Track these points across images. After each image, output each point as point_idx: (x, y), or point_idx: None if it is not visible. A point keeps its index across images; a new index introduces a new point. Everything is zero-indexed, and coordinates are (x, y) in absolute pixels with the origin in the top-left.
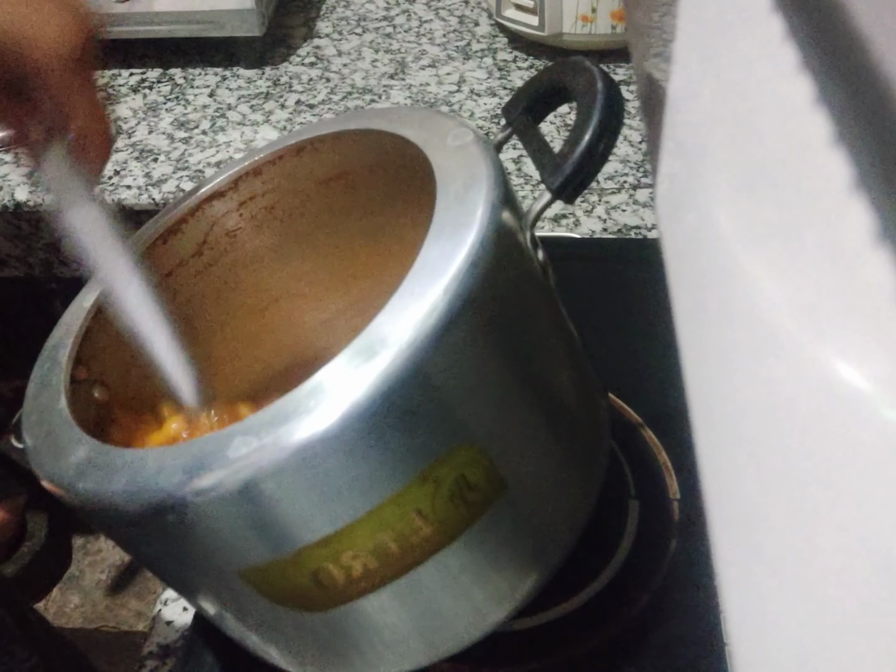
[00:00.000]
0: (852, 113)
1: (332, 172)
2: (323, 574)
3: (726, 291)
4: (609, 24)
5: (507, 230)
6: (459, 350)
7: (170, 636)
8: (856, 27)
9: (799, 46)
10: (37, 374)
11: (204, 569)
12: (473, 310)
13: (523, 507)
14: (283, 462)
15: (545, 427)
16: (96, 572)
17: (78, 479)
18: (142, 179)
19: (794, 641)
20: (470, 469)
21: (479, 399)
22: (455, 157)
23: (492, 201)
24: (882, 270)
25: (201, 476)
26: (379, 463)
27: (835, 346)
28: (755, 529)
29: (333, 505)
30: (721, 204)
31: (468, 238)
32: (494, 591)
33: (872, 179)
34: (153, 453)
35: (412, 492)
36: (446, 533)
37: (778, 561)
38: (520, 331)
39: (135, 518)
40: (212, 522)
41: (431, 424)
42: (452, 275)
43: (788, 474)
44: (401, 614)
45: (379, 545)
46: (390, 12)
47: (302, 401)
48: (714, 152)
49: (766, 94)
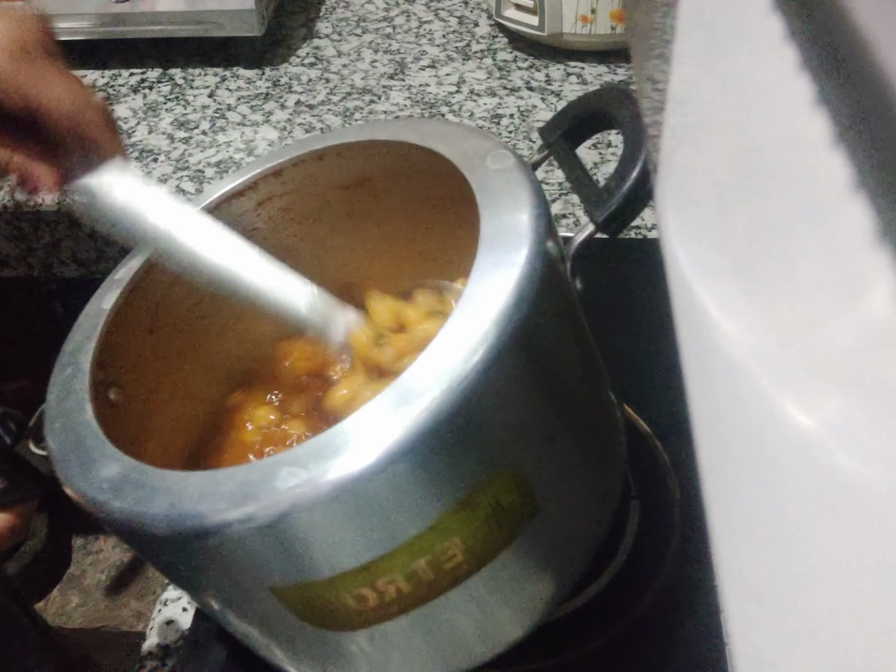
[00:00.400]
0: (852, 113)
1: (353, 179)
2: (356, 597)
3: (729, 285)
4: (609, 24)
5: (552, 262)
6: (503, 386)
7: (170, 636)
8: (856, 27)
9: (799, 46)
10: (58, 378)
11: (235, 586)
12: (518, 346)
13: (551, 528)
14: (328, 495)
15: (574, 449)
16: (96, 572)
17: (112, 497)
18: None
19: (795, 641)
20: (505, 494)
21: (517, 428)
22: (496, 181)
23: (538, 230)
24: (882, 270)
25: (247, 505)
26: (419, 495)
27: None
28: (755, 530)
29: (373, 535)
30: (723, 203)
31: (516, 272)
32: (516, 611)
33: (872, 179)
34: (196, 478)
35: (451, 518)
36: (479, 557)
37: (778, 561)
38: (557, 360)
39: (173, 541)
40: (251, 548)
41: (471, 456)
42: (502, 307)
43: (789, 473)
44: (424, 635)
45: (414, 571)
46: (390, 13)
47: (348, 435)
48: (714, 152)
49: (766, 94)
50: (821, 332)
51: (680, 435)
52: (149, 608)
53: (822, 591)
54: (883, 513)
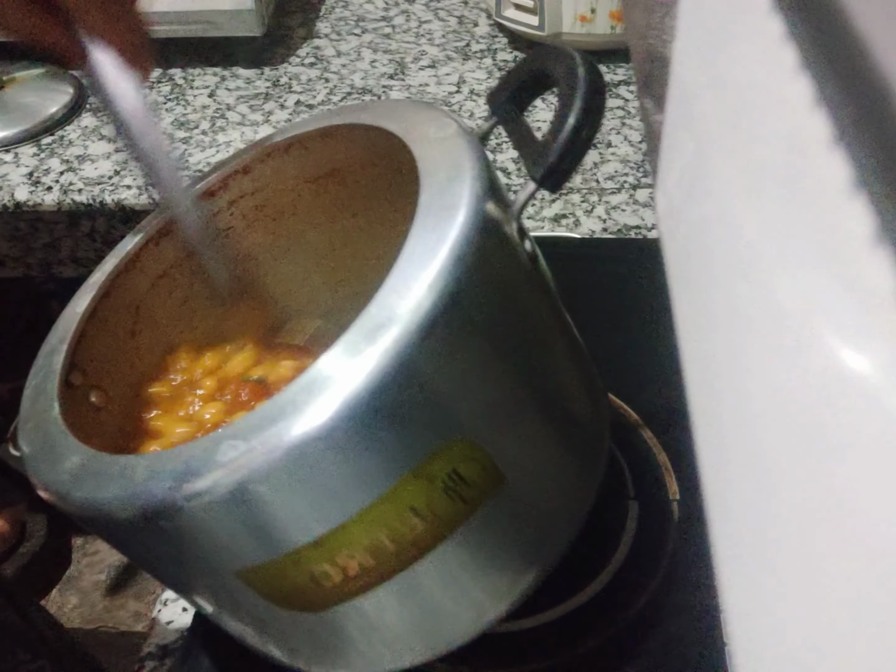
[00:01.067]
0: (852, 113)
1: (322, 170)
2: (319, 574)
3: (729, 287)
4: (608, 24)
5: (493, 222)
6: (447, 345)
7: (168, 637)
8: (856, 27)
9: (799, 46)
10: (32, 381)
11: (200, 570)
12: (460, 304)
13: (522, 501)
14: (272, 464)
15: (543, 421)
16: (95, 573)
17: (72, 487)
18: (142, 179)
19: (794, 641)
20: (464, 464)
21: (471, 393)
22: (438, 149)
23: (476, 192)
24: (882, 270)
25: (191, 481)
26: (370, 461)
27: (839, 335)
28: (755, 530)
29: (326, 505)
30: (723, 203)
31: (451, 231)
32: (492, 588)
33: (872, 179)
34: (145, 459)
35: (405, 489)
36: (442, 529)
37: (778, 561)
38: (509, 322)
39: (128, 524)
40: (205, 526)
41: (422, 420)
42: (437, 270)
43: (789, 473)
44: (398, 612)
45: (374, 543)
46: (389, 13)
47: (290, 402)
48: (714, 152)
49: (766, 94)
50: (819, 338)
51: (679, 435)
52: (147, 608)
53: (822, 591)
54: (884, 515)
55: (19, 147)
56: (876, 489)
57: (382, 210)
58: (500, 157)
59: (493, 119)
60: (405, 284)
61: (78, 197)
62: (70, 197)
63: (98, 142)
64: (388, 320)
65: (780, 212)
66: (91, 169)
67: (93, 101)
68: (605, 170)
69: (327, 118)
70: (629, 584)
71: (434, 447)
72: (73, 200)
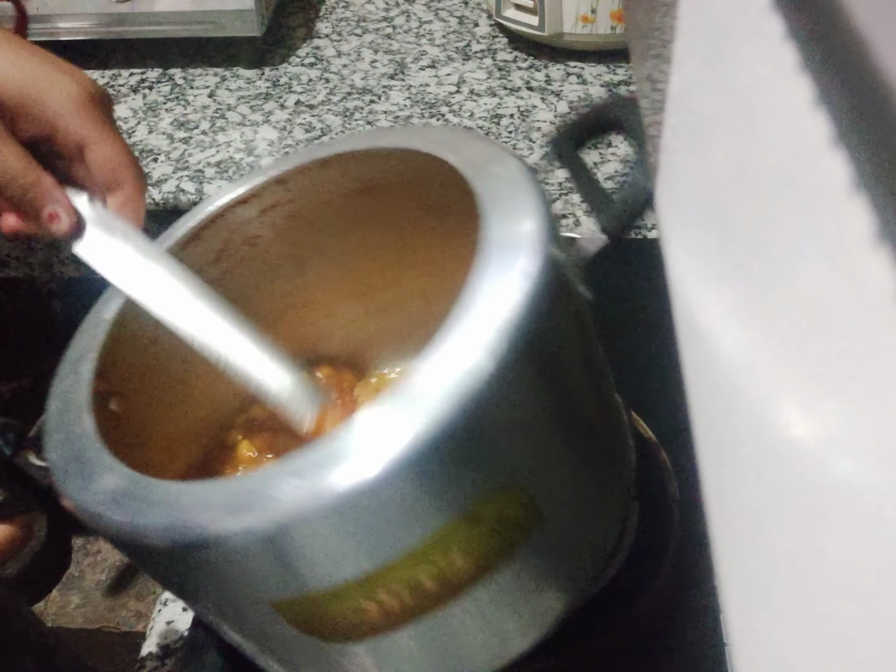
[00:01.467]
0: (852, 113)
1: (358, 185)
2: (356, 609)
3: (729, 286)
4: (609, 24)
5: (561, 271)
6: (511, 398)
7: (169, 637)
8: (856, 27)
9: (799, 46)
10: (58, 388)
11: (233, 598)
12: (527, 357)
13: (556, 539)
14: (327, 505)
15: (581, 460)
16: (96, 573)
17: (112, 509)
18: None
19: (794, 641)
20: (511, 506)
21: (524, 441)
22: (500, 187)
23: (548, 239)
24: (882, 271)
25: (244, 515)
26: (422, 506)
27: (840, 334)
28: (755, 530)
29: (376, 545)
30: (723, 203)
31: (525, 281)
32: (522, 622)
33: (872, 179)
34: (193, 488)
35: (454, 531)
36: (481, 569)
37: (778, 561)
38: (565, 371)
39: (172, 553)
40: (250, 559)
41: (475, 469)
42: (510, 320)
43: (788, 472)
44: (427, 647)
45: (416, 582)
46: (390, 13)
47: (348, 444)
48: (714, 152)
49: (766, 94)
50: (819, 337)
51: (680, 436)
52: (148, 608)
53: (822, 591)
54: (883, 516)
55: None
56: (876, 488)
57: (415, 229)
58: None
59: (557, 163)
60: (477, 327)
61: None
62: None
63: None
64: (458, 365)
65: (779, 211)
66: None
67: None
68: (605, 170)
69: (372, 139)
70: (630, 584)
71: (487, 493)
72: None
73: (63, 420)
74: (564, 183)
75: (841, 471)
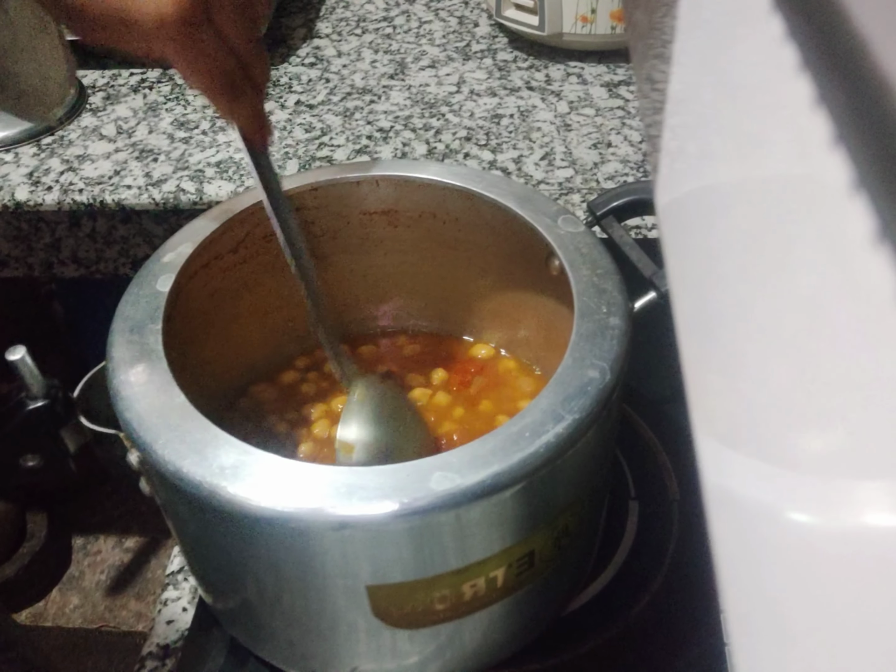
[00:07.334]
0: (852, 113)
1: (380, 207)
2: (439, 597)
3: (729, 287)
4: (609, 24)
5: (631, 322)
6: (608, 428)
7: (170, 637)
8: (856, 27)
9: (799, 46)
10: (121, 353)
11: (327, 579)
12: (611, 406)
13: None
14: (476, 501)
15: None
16: (96, 573)
17: (230, 484)
18: (142, 179)
19: (795, 641)
20: (574, 519)
21: (598, 466)
22: (574, 244)
23: (627, 302)
24: (882, 271)
25: (399, 500)
26: (532, 508)
27: (839, 334)
28: (755, 531)
29: (485, 539)
30: (723, 202)
31: (615, 347)
32: (538, 611)
33: (872, 179)
34: (342, 474)
35: (537, 534)
36: (541, 570)
37: (777, 561)
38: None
39: (305, 532)
40: (380, 541)
41: (563, 489)
42: (605, 383)
43: (788, 471)
44: (466, 637)
45: (493, 577)
46: (390, 13)
47: (499, 447)
48: (714, 152)
49: (766, 94)
50: (819, 337)
51: (680, 436)
52: (148, 609)
53: (822, 591)
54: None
55: (19, 147)
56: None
57: (421, 258)
58: (500, 156)
59: (596, 225)
60: (581, 377)
61: (78, 197)
62: (70, 197)
63: (98, 142)
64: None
65: (780, 211)
66: (91, 169)
67: None
68: (605, 170)
69: (431, 171)
70: (630, 584)
71: (566, 505)
72: (73, 200)
73: (147, 390)
74: (564, 183)
75: (840, 470)
